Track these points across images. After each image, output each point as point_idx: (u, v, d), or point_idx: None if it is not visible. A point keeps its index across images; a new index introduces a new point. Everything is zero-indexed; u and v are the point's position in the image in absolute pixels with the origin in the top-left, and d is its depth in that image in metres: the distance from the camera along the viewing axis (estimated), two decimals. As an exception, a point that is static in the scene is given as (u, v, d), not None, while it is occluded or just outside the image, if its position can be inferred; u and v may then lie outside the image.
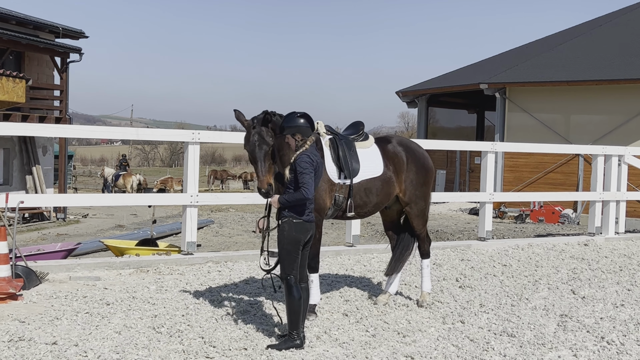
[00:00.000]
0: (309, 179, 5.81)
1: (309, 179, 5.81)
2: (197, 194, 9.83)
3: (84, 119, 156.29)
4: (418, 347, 6.02)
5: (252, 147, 6.21)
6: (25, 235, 21.47)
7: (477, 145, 15.33)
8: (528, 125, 26.15)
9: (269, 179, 6.18)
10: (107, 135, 11.18)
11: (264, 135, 6.20)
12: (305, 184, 5.78)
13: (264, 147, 6.18)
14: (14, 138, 25.40)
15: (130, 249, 14.12)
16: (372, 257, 10.54)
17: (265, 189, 6.15)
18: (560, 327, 6.83)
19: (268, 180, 6.17)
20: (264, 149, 6.18)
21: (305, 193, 5.77)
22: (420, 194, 7.55)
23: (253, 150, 6.20)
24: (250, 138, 6.23)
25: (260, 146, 6.18)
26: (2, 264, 7.19)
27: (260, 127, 6.21)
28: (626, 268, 10.34)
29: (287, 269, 5.84)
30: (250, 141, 6.22)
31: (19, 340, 5.78)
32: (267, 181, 6.17)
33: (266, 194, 6.18)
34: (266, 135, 6.21)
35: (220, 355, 5.61)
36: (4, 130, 9.61)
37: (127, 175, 39.86)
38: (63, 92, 27.19)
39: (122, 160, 45.32)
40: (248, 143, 6.25)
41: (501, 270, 9.78)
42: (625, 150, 14.03)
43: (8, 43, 24.12)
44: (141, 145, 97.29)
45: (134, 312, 6.80)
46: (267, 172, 6.17)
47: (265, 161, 6.18)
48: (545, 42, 33.15)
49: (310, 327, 6.42)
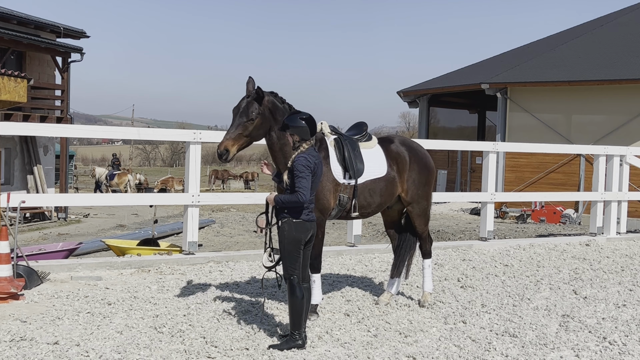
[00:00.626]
0: (305, 183, 5.78)
1: (306, 183, 5.78)
2: (199, 194, 9.83)
3: (85, 119, 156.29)
4: (420, 347, 6.01)
5: (234, 112, 6.39)
6: (26, 234, 21.48)
7: (478, 145, 15.31)
8: (529, 125, 26.13)
9: (228, 144, 6.25)
10: (108, 135, 11.16)
11: (249, 107, 6.33)
12: (301, 188, 5.76)
13: (243, 118, 6.31)
14: (15, 138, 25.41)
15: (131, 248, 14.12)
16: (374, 257, 10.53)
17: (220, 150, 6.26)
18: (562, 327, 6.82)
19: (227, 145, 6.25)
20: (242, 119, 6.30)
21: (300, 197, 5.74)
22: (422, 194, 7.55)
23: (234, 115, 6.36)
24: (238, 104, 6.41)
25: (240, 114, 6.33)
26: (4, 263, 7.19)
27: (252, 100, 6.32)
28: (628, 268, 10.32)
29: (290, 269, 5.84)
30: (235, 106, 6.40)
31: (21, 340, 5.77)
32: (226, 146, 6.25)
33: (220, 155, 6.28)
34: (252, 108, 6.34)
35: (221, 355, 5.60)
36: (5, 130, 9.60)
37: (122, 174, 39.98)
38: (64, 92, 27.20)
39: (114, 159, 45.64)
40: (234, 108, 6.41)
41: (503, 271, 9.77)
42: (627, 151, 14.02)
43: (9, 43, 24.13)
44: (142, 145, 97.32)
45: (136, 312, 6.79)
46: (233, 139, 6.26)
47: (236, 128, 6.29)
48: (547, 42, 33.12)
49: (312, 327, 6.41)
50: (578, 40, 29.90)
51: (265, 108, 6.39)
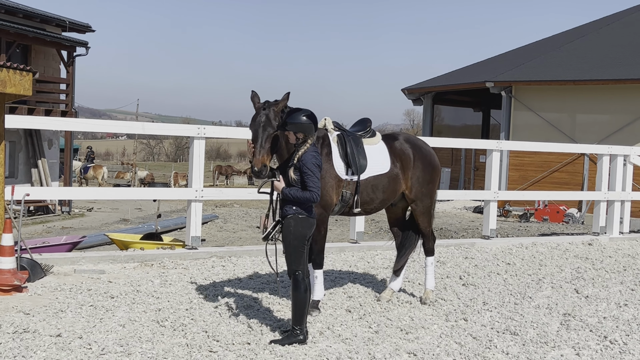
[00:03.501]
0: (317, 182, 5.80)
1: (318, 182, 5.80)
2: (202, 189, 9.85)
3: (90, 113, 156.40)
4: (421, 344, 6.02)
5: (257, 127, 6.19)
6: (30, 228, 21.54)
7: (482, 143, 15.29)
8: (534, 124, 26.11)
9: (264, 159, 6.13)
10: (113, 129, 11.20)
11: (270, 118, 6.19)
12: (314, 187, 5.77)
13: (268, 129, 6.15)
14: (20, 131, 25.47)
15: (134, 242, 14.16)
16: (376, 254, 10.55)
17: (259, 168, 6.12)
18: (563, 326, 6.83)
19: (264, 160, 6.13)
20: (267, 131, 6.16)
21: (314, 197, 5.76)
22: (426, 192, 7.55)
23: (257, 129, 6.18)
24: (257, 118, 6.23)
25: (264, 127, 6.15)
26: (8, 256, 7.22)
27: (270, 109, 6.22)
28: (630, 268, 10.32)
29: (295, 265, 5.84)
30: (257, 121, 6.21)
31: (24, 332, 5.81)
32: (262, 161, 6.13)
33: (258, 173, 6.14)
34: (273, 118, 6.20)
35: (223, 349, 5.62)
36: (10, 123, 9.62)
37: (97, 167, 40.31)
38: (69, 86, 27.25)
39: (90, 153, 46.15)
40: (254, 123, 6.24)
41: (505, 269, 9.78)
42: (631, 150, 14.00)
43: (15, 36, 24.18)
44: (146, 139, 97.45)
45: (138, 306, 6.82)
46: (266, 153, 6.13)
47: (265, 142, 6.15)
48: (552, 41, 33.07)
49: (313, 323, 6.43)
50: (583, 39, 29.85)
51: (278, 115, 6.33)
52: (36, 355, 5.25)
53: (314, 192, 5.76)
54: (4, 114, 7.84)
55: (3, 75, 7.13)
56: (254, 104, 6.33)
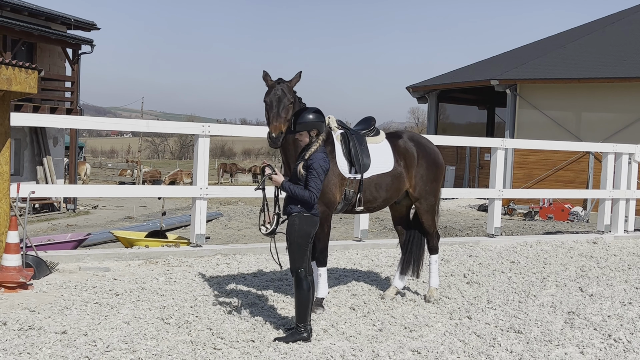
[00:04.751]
0: (320, 184, 5.81)
1: (320, 185, 5.82)
2: (207, 187, 9.87)
3: (95, 111, 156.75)
4: (425, 342, 6.03)
5: (272, 97, 6.24)
6: (35, 225, 21.60)
7: (486, 141, 15.29)
8: (538, 122, 26.06)
9: (281, 127, 6.14)
10: (117, 127, 11.21)
11: (287, 92, 6.25)
12: (315, 189, 5.78)
13: (284, 101, 6.21)
14: (25, 129, 25.53)
15: (139, 240, 14.20)
16: (380, 252, 10.55)
17: (276, 134, 6.13)
18: (567, 324, 6.83)
19: (280, 127, 6.14)
20: (283, 102, 6.21)
21: (312, 197, 5.77)
22: (430, 190, 7.55)
23: (272, 100, 6.22)
24: (272, 91, 6.27)
25: (280, 98, 6.22)
26: (13, 253, 7.25)
27: (285, 84, 6.27)
28: (635, 266, 10.31)
29: (298, 263, 5.85)
30: (272, 92, 6.26)
31: (29, 329, 5.83)
32: (279, 128, 6.13)
33: (275, 139, 6.14)
34: (289, 92, 6.26)
35: (227, 346, 5.64)
36: (16, 121, 9.65)
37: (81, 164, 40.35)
38: (74, 84, 27.30)
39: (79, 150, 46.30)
40: (269, 95, 6.27)
41: (509, 267, 9.77)
42: (636, 149, 13.97)
43: (20, 34, 24.23)
44: (151, 137, 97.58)
45: (143, 303, 6.84)
46: (283, 122, 6.15)
47: (282, 111, 6.18)
48: (557, 39, 32.99)
49: (317, 321, 6.44)
50: (588, 37, 29.77)
51: (291, 91, 6.38)
52: (41, 352, 5.27)
53: (313, 193, 5.77)
54: (9, 112, 7.87)
55: (9, 73, 7.15)
56: (267, 82, 6.40)
